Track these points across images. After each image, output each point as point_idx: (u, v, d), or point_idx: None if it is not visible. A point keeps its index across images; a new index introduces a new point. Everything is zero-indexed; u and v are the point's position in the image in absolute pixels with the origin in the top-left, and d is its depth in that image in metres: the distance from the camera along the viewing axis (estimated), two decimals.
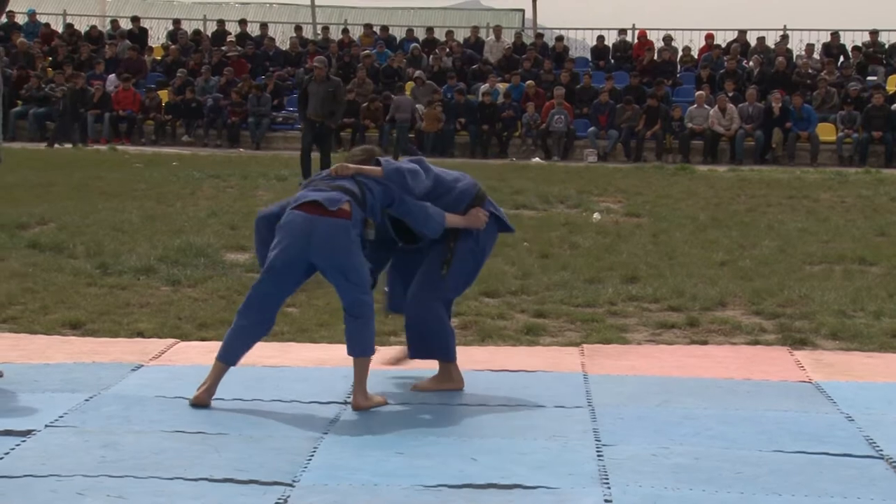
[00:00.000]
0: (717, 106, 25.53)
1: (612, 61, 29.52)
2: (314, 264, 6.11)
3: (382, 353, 6.77)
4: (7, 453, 5.21)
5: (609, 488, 4.93)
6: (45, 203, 13.91)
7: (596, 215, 14.55)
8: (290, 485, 4.92)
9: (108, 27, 32.06)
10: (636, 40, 29.91)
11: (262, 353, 7.21)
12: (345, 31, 30.94)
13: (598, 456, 5.37)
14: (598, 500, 4.80)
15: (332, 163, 16.49)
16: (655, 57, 28.74)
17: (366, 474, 5.07)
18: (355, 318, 6.13)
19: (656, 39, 29.82)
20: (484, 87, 27.07)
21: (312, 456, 5.31)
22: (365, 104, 26.50)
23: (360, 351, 6.15)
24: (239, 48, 29.43)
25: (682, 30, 31.07)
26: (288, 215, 6.15)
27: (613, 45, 30.07)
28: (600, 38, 30.48)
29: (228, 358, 6.18)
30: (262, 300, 6.17)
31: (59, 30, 31.46)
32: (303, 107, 18.36)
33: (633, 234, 12.95)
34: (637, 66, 28.46)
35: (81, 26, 31.87)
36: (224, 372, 6.17)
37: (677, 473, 5.12)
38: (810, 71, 27.47)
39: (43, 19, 31.86)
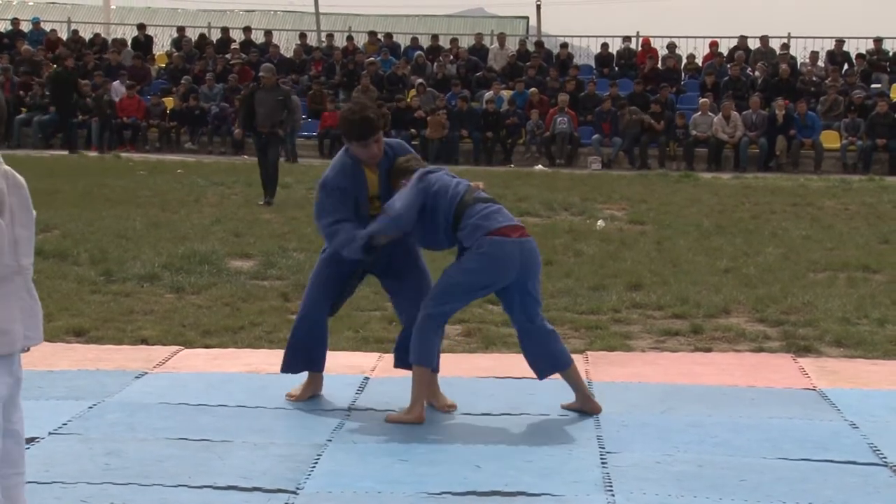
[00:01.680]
0: (721, 113, 25.52)
1: (616, 69, 29.51)
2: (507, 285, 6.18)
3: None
4: None
5: (613, 496, 4.93)
6: (49, 210, 13.89)
7: (600, 222, 14.55)
8: (294, 492, 4.92)
9: (112, 35, 32.10)
10: (640, 48, 29.91)
11: (265, 361, 7.23)
12: (349, 38, 30.97)
13: (603, 463, 5.36)
14: None
15: (278, 174, 16.28)
16: (659, 64, 28.75)
17: (370, 481, 5.07)
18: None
19: (660, 47, 29.80)
20: (488, 94, 27.08)
21: (316, 463, 5.31)
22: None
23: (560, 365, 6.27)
24: (243, 55, 29.45)
25: (686, 37, 31.09)
26: (505, 243, 6.10)
27: (617, 52, 30.06)
28: (604, 46, 30.49)
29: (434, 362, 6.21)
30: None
31: (64, 37, 31.47)
32: (247, 118, 16.43)
33: (637, 242, 12.95)
34: (641, 73, 28.45)
35: (86, 34, 31.89)
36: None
37: (681, 481, 5.12)
38: (814, 78, 27.46)
39: (48, 27, 31.89)
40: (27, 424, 5.68)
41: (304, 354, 6.44)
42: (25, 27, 31.49)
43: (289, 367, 6.50)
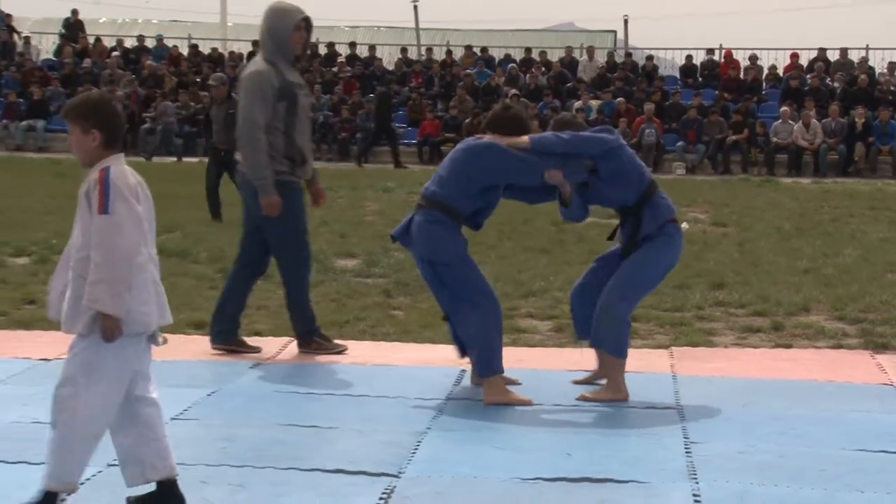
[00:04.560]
0: (801, 121, 25.20)
1: (700, 79, 29.26)
2: None
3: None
4: None
5: (697, 483, 4.88)
6: (171, 212, 14.06)
7: (684, 225, 14.39)
8: (396, 476, 4.94)
9: (228, 50, 32.45)
10: (723, 59, 29.62)
11: (369, 353, 7.27)
12: (448, 52, 31.03)
13: (687, 453, 5.32)
14: (686, 495, 4.75)
15: (219, 195, 13.96)
16: (741, 75, 28.46)
17: (466, 467, 5.08)
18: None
19: (742, 59, 29.50)
20: (577, 103, 26.98)
21: (417, 449, 5.32)
22: (467, 120, 26.54)
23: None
24: (349, 68, 29.63)
25: (768, 49, 30.75)
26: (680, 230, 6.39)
27: (701, 63, 29.80)
28: (688, 58, 30.26)
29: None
30: None
31: (185, 52, 31.89)
32: (209, 133, 14.80)
33: (720, 243, 12.82)
34: (723, 83, 28.17)
35: (205, 49, 32.28)
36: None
37: (763, 470, 5.06)
38: (892, 88, 26.99)
39: (170, 43, 32.34)
40: None
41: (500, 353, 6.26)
42: (150, 44, 31.95)
43: (497, 368, 6.22)
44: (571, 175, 6.28)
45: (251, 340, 7.66)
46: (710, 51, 30.12)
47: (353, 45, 31.32)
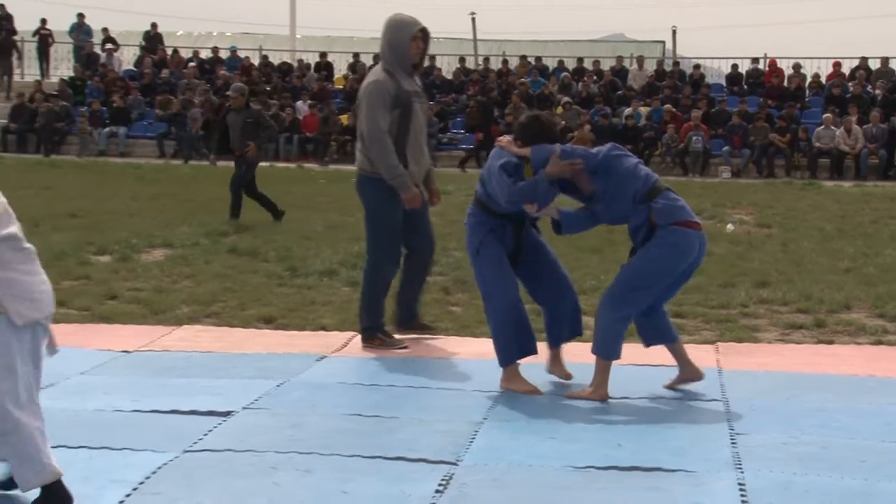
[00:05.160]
0: (843, 127, 24.94)
1: (745, 87, 29.04)
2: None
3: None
4: (211, 430, 5.33)
5: (742, 473, 4.84)
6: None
7: (730, 226, 14.30)
8: (455, 464, 4.94)
9: (297, 61, 32.62)
10: (767, 68, 29.39)
11: (431, 347, 7.27)
12: (504, 61, 31.01)
13: (732, 443, 5.27)
14: (731, 484, 4.72)
15: (241, 200, 14.09)
16: (785, 83, 28.24)
17: (521, 456, 5.07)
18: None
19: (786, 67, 29.24)
20: (627, 110, 26.88)
21: (474, 438, 5.32)
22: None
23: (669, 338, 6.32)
24: None
25: (811, 58, 30.42)
26: (689, 234, 6.16)
27: (746, 72, 29.56)
28: (734, 66, 30.04)
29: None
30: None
31: (256, 63, 32.09)
32: (220, 140, 14.86)
33: (764, 244, 12.71)
34: (768, 91, 27.96)
35: (275, 60, 32.46)
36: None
37: (805, 461, 5.01)
38: None
39: (242, 54, 32.56)
40: (225, 401, 5.83)
41: (518, 343, 6.28)
42: (224, 55, 32.18)
43: (509, 359, 6.29)
44: (543, 202, 6.16)
45: (317, 334, 7.71)
46: (755, 60, 29.89)
47: (376, 56, 31.32)
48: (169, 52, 32.13)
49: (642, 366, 6.85)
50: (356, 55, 31.93)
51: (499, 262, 6.31)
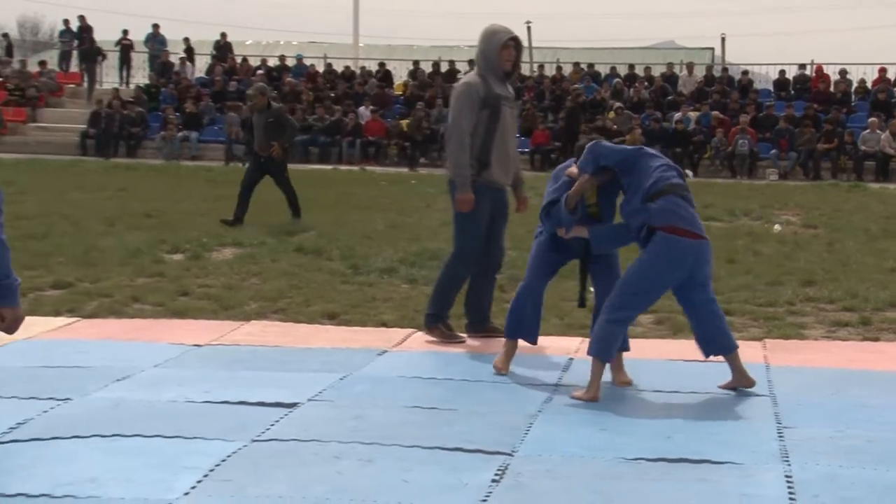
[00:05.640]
0: (888, 130, 24.62)
1: (792, 92, 28.76)
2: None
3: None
4: (277, 421, 5.35)
5: (789, 466, 4.79)
6: (307, 214, 14.25)
7: (777, 226, 14.17)
8: (510, 454, 4.93)
9: (359, 68, 32.72)
10: (814, 74, 29.09)
11: (487, 343, 7.26)
12: (558, 68, 30.92)
13: (779, 437, 5.22)
14: (779, 476, 4.67)
15: (295, 197, 13.81)
16: (832, 88, 27.92)
17: (574, 447, 5.05)
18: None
19: (832, 73, 28.92)
20: (677, 115, 26.72)
21: (529, 430, 5.31)
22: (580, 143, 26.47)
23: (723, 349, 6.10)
24: None
25: (857, 64, 30.10)
26: (679, 242, 5.88)
27: (793, 77, 29.28)
28: (782, 72, 29.75)
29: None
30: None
31: (321, 70, 32.24)
32: (251, 140, 14.56)
33: (811, 244, 12.57)
34: (814, 96, 27.68)
35: (339, 67, 32.60)
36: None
37: (851, 454, 4.94)
38: None
39: (308, 62, 32.72)
40: (291, 393, 5.86)
41: (516, 322, 6.45)
42: (290, 63, 32.35)
43: (509, 332, 6.51)
44: (567, 225, 6.16)
45: (378, 330, 7.72)
46: (802, 66, 29.61)
47: (471, 62, 31.22)
48: (238, 60, 32.35)
49: (692, 361, 6.80)
50: (416, 62, 32.00)
51: (540, 252, 6.41)
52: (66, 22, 33.08)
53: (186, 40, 33.09)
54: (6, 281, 3.37)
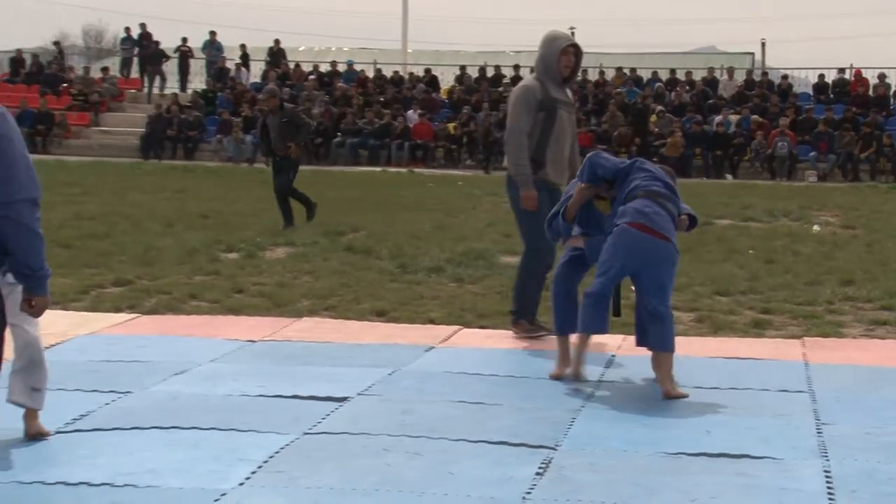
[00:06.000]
0: None
1: (832, 96, 28.47)
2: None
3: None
4: (328, 415, 5.37)
5: (828, 461, 4.74)
6: (357, 215, 14.30)
7: (816, 227, 14.03)
8: (554, 448, 4.91)
9: (408, 73, 32.76)
10: (853, 78, 28.76)
11: (531, 340, 7.24)
12: (601, 72, 30.79)
13: (818, 433, 5.17)
14: (818, 471, 4.62)
15: (289, 198, 13.49)
16: (870, 92, 27.60)
17: (616, 442, 5.03)
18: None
19: (871, 77, 28.58)
20: (718, 118, 26.53)
21: (572, 425, 5.29)
22: (616, 133, 26.37)
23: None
24: (513, 88, 29.56)
25: (895, 68, 29.70)
26: (628, 233, 5.90)
27: (833, 81, 28.99)
28: (821, 76, 29.46)
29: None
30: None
31: (371, 75, 32.31)
32: (265, 142, 14.09)
33: (849, 244, 12.43)
34: (853, 99, 27.38)
35: (388, 72, 32.65)
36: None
37: (889, 450, 4.88)
38: None
39: (358, 67, 32.80)
40: (341, 388, 5.88)
41: (560, 318, 6.37)
42: (341, 68, 32.45)
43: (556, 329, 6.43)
44: (565, 236, 6.46)
45: (426, 327, 7.72)
46: (842, 70, 29.30)
47: (516, 67, 31.24)
48: (291, 66, 32.50)
49: (731, 359, 6.76)
50: (462, 68, 31.98)
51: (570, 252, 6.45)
52: (127, 30, 33.38)
53: (243, 47, 33.31)
54: (41, 272, 3.45)
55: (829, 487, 4.43)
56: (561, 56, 7.24)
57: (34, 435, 4.91)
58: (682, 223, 6.12)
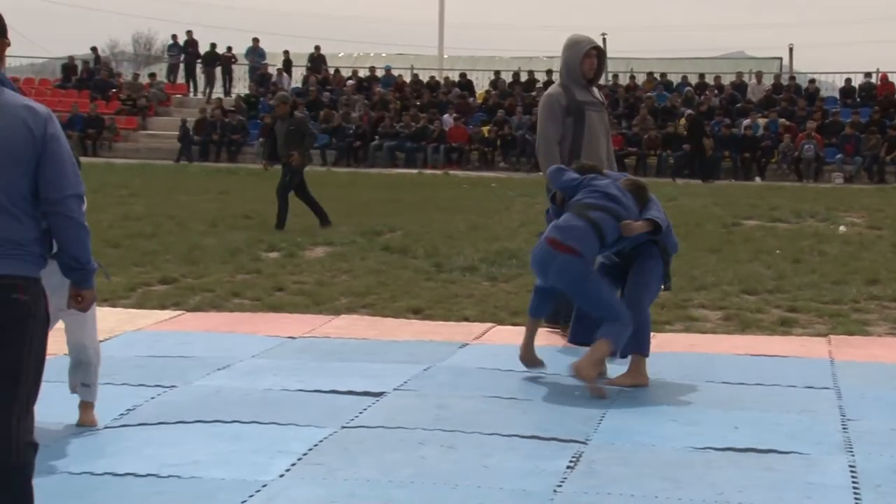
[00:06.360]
0: None
1: (858, 99, 28.21)
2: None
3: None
4: (365, 409, 5.38)
5: (853, 456, 4.70)
6: (394, 215, 14.32)
7: (842, 228, 13.90)
8: (584, 442, 4.90)
9: (444, 78, 32.76)
10: (879, 82, 28.49)
11: (562, 337, 7.22)
12: (631, 77, 30.65)
13: (844, 429, 5.12)
14: (843, 466, 4.58)
15: (287, 203, 13.21)
16: None
17: (645, 436, 5.01)
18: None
19: None
20: (746, 121, 26.33)
21: (602, 420, 5.27)
22: (646, 136, 26.23)
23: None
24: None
25: None
26: (536, 247, 6.11)
27: (859, 85, 28.71)
28: (847, 80, 29.20)
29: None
30: None
31: (408, 80, 32.32)
32: (272, 148, 14.02)
33: (875, 244, 12.31)
34: (879, 103, 27.11)
35: (424, 77, 32.66)
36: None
37: None
38: None
39: (396, 73, 32.83)
40: (378, 383, 5.88)
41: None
42: (379, 73, 32.49)
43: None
44: None
45: (460, 325, 7.72)
46: (868, 74, 29.01)
47: (549, 72, 31.14)
48: (331, 71, 32.58)
49: (758, 356, 6.71)
50: (497, 73, 31.95)
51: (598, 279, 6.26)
52: (174, 37, 33.59)
53: (286, 53, 33.43)
54: (88, 266, 3.49)
55: (854, 482, 4.40)
56: (584, 59, 7.22)
57: (85, 423, 5.05)
58: (626, 227, 5.88)
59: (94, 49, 35.33)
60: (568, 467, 4.56)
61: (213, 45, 32.24)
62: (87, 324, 4.96)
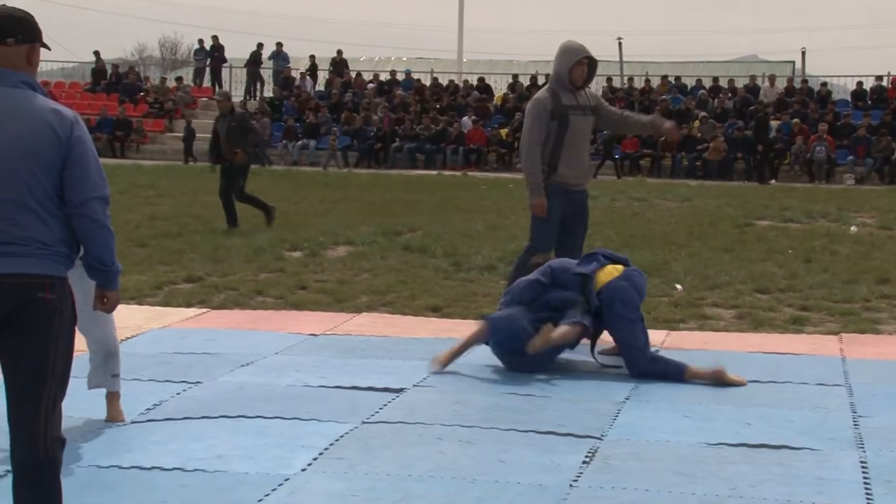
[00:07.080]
0: None
1: (869, 102, 28.05)
2: None
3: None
4: (385, 405, 5.38)
5: (864, 452, 4.67)
6: (414, 215, 14.32)
7: (853, 228, 13.82)
8: (599, 438, 4.88)
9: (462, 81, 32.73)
10: (890, 85, 28.33)
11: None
12: (646, 81, 30.56)
13: (855, 425, 5.09)
14: (854, 462, 4.55)
15: (234, 204, 12.95)
16: None
17: (659, 432, 4.99)
18: None
19: None
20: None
21: (617, 416, 5.26)
22: (661, 139, 26.12)
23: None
24: None
25: None
26: None
27: (870, 88, 28.56)
28: (859, 84, 29.04)
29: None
30: None
31: (427, 83, 32.32)
32: (214, 148, 13.48)
33: (886, 244, 12.24)
34: (890, 106, 26.95)
35: (444, 81, 32.65)
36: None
37: None
38: None
39: (416, 76, 32.84)
40: (398, 379, 5.88)
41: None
42: (400, 77, 32.51)
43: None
44: None
45: (477, 323, 7.69)
46: (879, 77, 28.87)
47: None
48: (353, 74, 32.62)
49: (770, 353, 6.68)
50: (515, 76, 31.92)
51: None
52: (200, 41, 33.68)
53: (312, 57, 33.49)
54: (113, 267, 3.49)
55: (865, 478, 4.37)
56: (574, 67, 7.24)
57: (114, 417, 5.00)
58: (544, 335, 6.03)
59: (96, 52, 34.97)
60: (584, 462, 4.55)
61: (260, 45, 32.36)
62: (108, 316, 4.95)
